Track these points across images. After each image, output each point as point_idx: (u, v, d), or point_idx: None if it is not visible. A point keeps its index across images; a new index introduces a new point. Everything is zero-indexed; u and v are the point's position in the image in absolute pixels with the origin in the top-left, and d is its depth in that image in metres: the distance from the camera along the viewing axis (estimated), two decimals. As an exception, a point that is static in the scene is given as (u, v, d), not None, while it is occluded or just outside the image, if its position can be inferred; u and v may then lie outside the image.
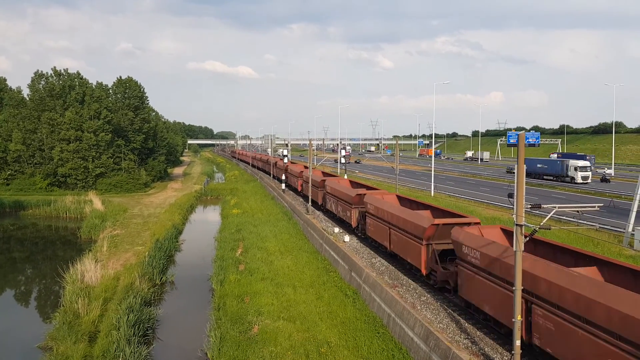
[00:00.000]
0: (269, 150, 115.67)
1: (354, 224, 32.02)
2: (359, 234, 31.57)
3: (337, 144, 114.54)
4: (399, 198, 29.95)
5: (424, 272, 20.96)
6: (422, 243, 20.82)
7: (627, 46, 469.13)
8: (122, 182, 69.38)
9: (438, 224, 20.48)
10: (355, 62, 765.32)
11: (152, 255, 30.77)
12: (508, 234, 18.45)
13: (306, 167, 58.02)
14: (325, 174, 53.03)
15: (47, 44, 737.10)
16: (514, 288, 13.17)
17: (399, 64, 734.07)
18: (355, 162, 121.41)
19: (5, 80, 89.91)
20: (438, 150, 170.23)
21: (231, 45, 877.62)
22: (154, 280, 27.74)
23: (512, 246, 16.86)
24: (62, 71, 72.02)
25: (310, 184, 42.54)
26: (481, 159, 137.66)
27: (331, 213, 38.98)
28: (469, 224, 19.96)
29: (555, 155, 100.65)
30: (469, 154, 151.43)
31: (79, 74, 73.51)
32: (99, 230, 41.90)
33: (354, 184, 40.41)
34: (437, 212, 24.21)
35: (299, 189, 54.21)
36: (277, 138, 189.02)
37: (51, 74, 71.48)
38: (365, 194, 30.50)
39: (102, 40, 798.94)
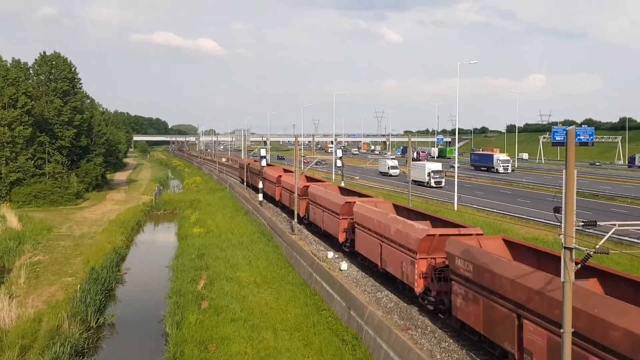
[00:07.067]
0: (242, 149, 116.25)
1: (341, 238, 33.87)
2: (346, 250, 33.64)
3: (332, 141, 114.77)
4: (396, 207, 31.87)
5: (417, 291, 22.79)
6: (415, 257, 22.60)
7: None
8: (46, 192, 69.11)
9: (434, 235, 22.30)
10: (352, 34, 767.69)
11: (85, 289, 30.89)
12: (510, 245, 20.53)
13: (286, 172, 58.41)
14: (309, 178, 54.59)
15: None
16: (562, 331, 13.25)
17: (409, 37, 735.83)
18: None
19: None
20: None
21: (188, 12, 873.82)
22: (87, 322, 27.81)
23: (513, 258, 19.01)
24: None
25: (297, 194, 42.69)
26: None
27: (318, 228, 40.35)
28: (469, 234, 21.73)
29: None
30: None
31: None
32: (15, 256, 41.66)
33: (344, 191, 42.22)
34: (438, 222, 26.20)
35: (277, 198, 55.88)
36: (253, 134, 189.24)
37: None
38: (355, 202, 32.19)
39: (15, 3, 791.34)
